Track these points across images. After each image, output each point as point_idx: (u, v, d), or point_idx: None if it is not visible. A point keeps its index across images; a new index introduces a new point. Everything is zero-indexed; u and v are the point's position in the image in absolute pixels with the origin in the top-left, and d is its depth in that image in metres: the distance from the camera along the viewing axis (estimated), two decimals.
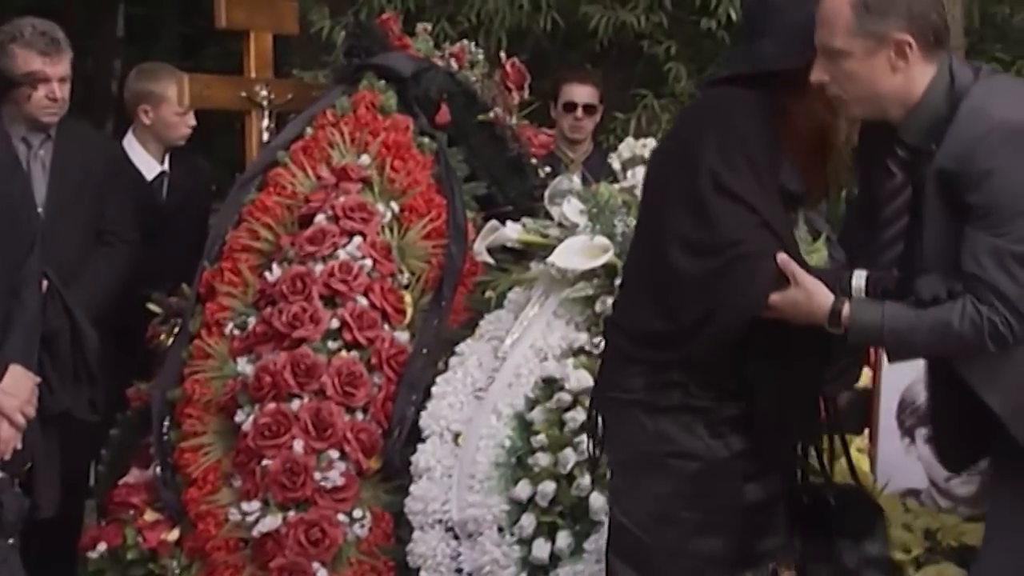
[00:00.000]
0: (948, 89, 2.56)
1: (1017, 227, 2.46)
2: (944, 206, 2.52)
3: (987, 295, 2.47)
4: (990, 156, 2.46)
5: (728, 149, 2.57)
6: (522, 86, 4.63)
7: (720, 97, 2.68)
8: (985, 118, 2.49)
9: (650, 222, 2.78)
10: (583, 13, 8.46)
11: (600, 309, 3.65)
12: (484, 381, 3.74)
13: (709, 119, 2.65)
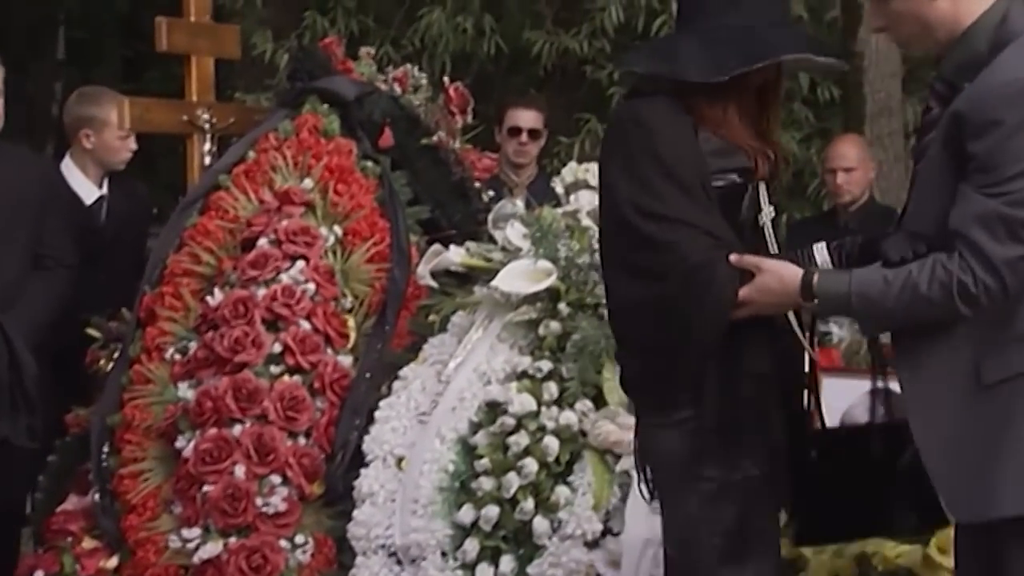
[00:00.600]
0: (996, 28, 2.46)
1: (1012, 189, 2.33)
2: (945, 154, 2.43)
3: (965, 253, 2.34)
4: (1003, 107, 2.37)
5: (641, 173, 2.54)
6: (465, 110, 4.64)
7: (628, 118, 2.64)
8: (1013, 69, 2.40)
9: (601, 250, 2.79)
10: (527, 38, 8.52)
11: (543, 332, 3.66)
12: (427, 405, 3.73)
13: (618, 146, 2.63)
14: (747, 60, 2.53)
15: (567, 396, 3.56)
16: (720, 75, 2.53)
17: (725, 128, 2.60)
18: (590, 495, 3.43)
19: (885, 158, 7.42)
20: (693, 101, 2.59)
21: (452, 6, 8.33)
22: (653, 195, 2.53)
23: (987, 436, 2.41)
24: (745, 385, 2.56)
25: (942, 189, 2.44)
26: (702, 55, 2.57)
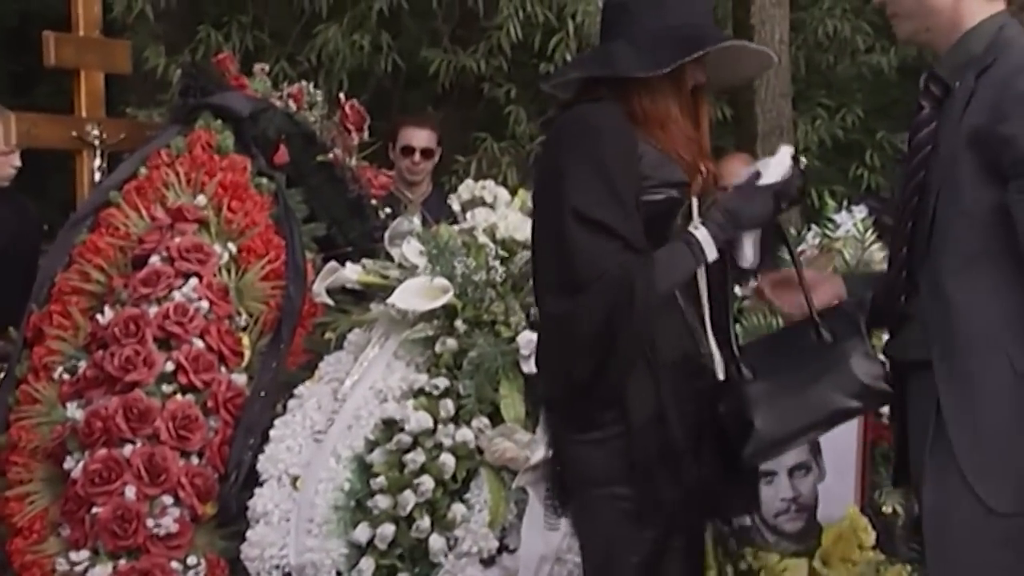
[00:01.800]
0: (994, 34, 2.56)
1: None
2: (977, 170, 2.49)
3: None
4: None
5: (584, 179, 2.55)
6: (362, 127, 4.64)
7: (574, 122, 2.65)
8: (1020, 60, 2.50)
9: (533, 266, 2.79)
10: (424, 56, 8.54)
11: (440, 350, 3.65)
12: (323, 423, 3.70)
13: (562, 150, 2.63)
14: (683, 52, 2.56)
15: (464, 413, 3.55)
16: (659, 68, 2.55)
17: (668, 131, 2.61)
18: (486, 512, 3.43)
19: None
20: (636, 103, 2.60)
21: (349, 23, 8.32)
22: (591, 199, 2.54)
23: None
24: (670, 403, 2.56)
25: (973, 186, 2.50)
26: (636, 54, 2.59)
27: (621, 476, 2.56)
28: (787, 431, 2.60)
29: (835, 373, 2.61)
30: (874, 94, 10.12)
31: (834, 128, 9.30)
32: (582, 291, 2.54)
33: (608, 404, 2.57)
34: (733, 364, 2.60)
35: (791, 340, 2.66)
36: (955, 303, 2.54)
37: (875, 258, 3.74)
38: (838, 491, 3.44)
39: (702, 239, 2.56)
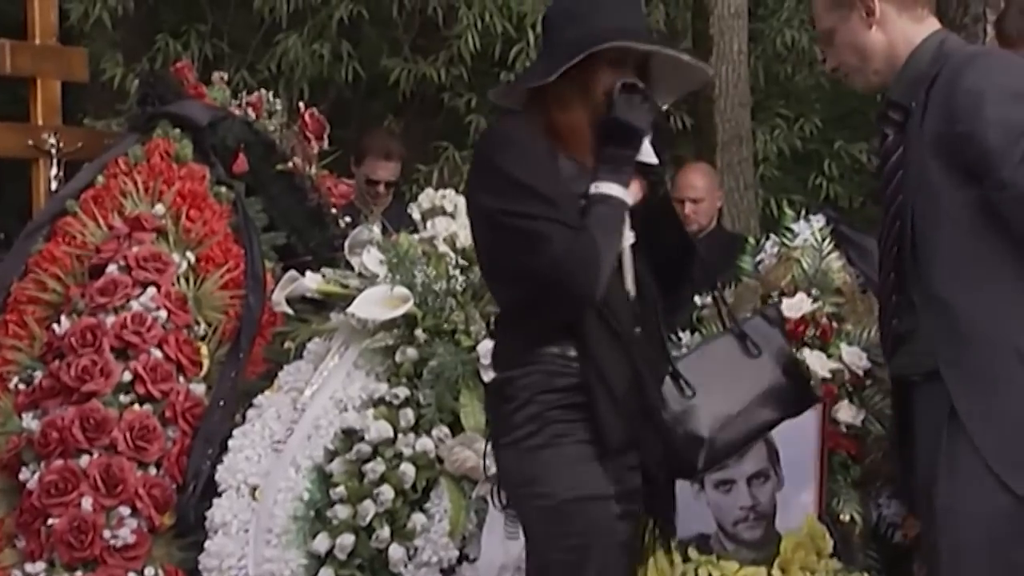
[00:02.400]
0: (936, 49, 2.66)
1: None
2: (948, 174, 2.55)
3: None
4: (978, 78, 2.53)
5: (502, 182, 2.59)
6: (322, 136, 4.63)
7: (487, 134, 2.76)
8: (966, 61, 2.57)
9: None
10: (384, 65, 8.54)
11: (400, 359, 3.65)
12: (283, 433, 3.69)
13: (479, 161, 2.71)
14: (570, 56, 2.59)
15: (424, 423, 3.55)
16: (547, 76, 2.60)
17: (578, 140, 2.64)
18: (446, 522, 3.43)
19: (735, 186, 7.60)
20: (549, 114, 2.64)
21: (309, 32, 8.30)
22: (509, 201, 2.58)
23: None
24: (607, 409, 2.57)
25: (951, 189, 2.55)
26: (540, 64, 2.67)
27: (536, 477, 2.58)
28: (732, 441, 2.68)
29: (764, 385, 2.69)
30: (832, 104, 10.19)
31: (793, 138, 9.37)
32: (531, 277, 2.57)
33: (523, 403, 2.59)
34: (674, 380, 2.65)
35: (720, 353, 2.72)
36: (955, 307, 2.59)
37: (833, 267, 3.76)
38: (796, 499, 3.45)
39: (608, 191, 2.60)
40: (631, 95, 2.62)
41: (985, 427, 2.56)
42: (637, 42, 2.66)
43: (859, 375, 3.60)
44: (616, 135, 2.62)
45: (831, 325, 3.65)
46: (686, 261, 2.78)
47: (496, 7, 8.02)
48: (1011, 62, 2.62)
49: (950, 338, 2.60)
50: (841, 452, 3.53)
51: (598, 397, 2.57)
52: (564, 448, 2.57)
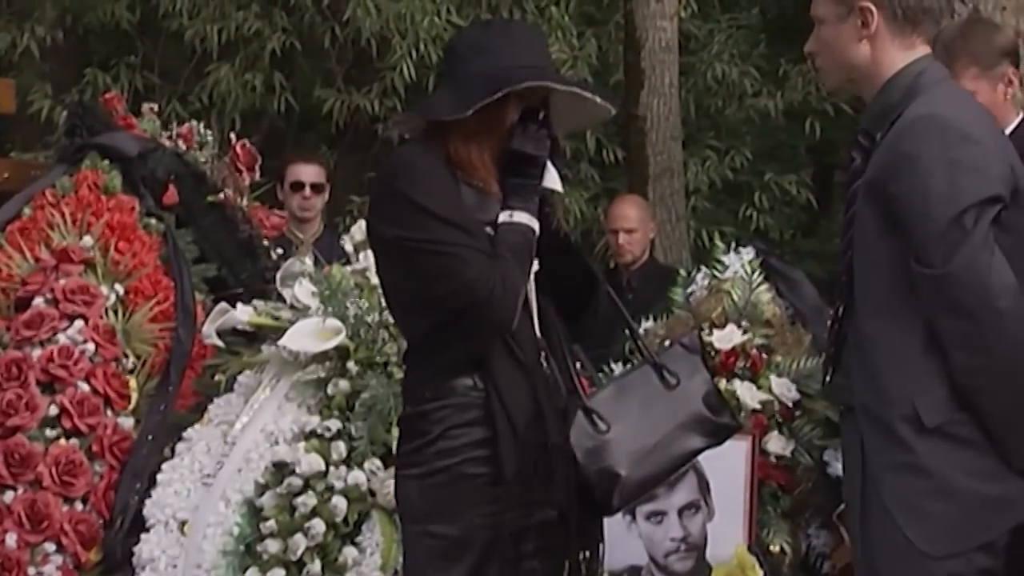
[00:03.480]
0: (913, 80, 2.62)
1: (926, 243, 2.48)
2: (877, 222, 2.56)
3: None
4: (917, 143, 2.51)
5: (404, 209, 2.60)
6: (253, 167, 4.61)
7: (388, 162, 2.73)
8: (920, 107, 2.56)
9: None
10: (318, 96, 8.52)
11: (332, 391, 3.63)
12: (212, 467, 3.66)
13: (381, 189, 2.70)
14: (487, 92, 2.60)
15: (356, 455, 3.54)
16: (462, 111, 2.60)
17: (479, 172, 2.66)
18: (378, 555, 3.42)
19: (667, 218, 7.66)
20: (451, 145, 2.66)
21: (241, 63, 8.28)
22: (417, 229, 2.58)
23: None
24: (507, 444, 2.58)
25: (879, 238, 2.57)
26: (449, 97, 2.65)
27: (437, 514, 2.59)
28: (649, 476, 2.66)
29: (684, 415, 2.68)
30: (762, 137, 10.32)
31: (724, 170, 9.46)
32: (442, 305, 2.58)
33: (429, 437, 2.60)
34: (586, 415, 2.64)
35: (636, 385, 2.71)
36: (871, 354, 2.60)
37: (762, 299, 3.81)
38: (727, 530, 3.48)
39: (517, 219, 2.63)
40: (528, 124, 2.65)
41: (886, 480, 2.58)
42: (551, 81, 2.68)
43: (789, 406, 3.64)
44: (518, 165, 2.64)
45: (761, 356, 3.69)
46: (588, 290, 2.78)
47: (430, 38, 8.04)
48: (948, 127, 2.57)
49: (865, 384, 2.62)
50: (771, 483, 3.57)
51: (499, 430, 2.57)
52: (468, 486, 2.58)
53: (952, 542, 2.53)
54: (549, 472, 2.61)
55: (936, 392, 2.53)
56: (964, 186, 2.49)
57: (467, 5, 8.51)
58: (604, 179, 9.16)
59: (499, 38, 2.69)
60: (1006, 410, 2.52)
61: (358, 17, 8.04)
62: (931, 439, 2.52)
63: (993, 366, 2.49)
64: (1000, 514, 2.55)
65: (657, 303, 4.08)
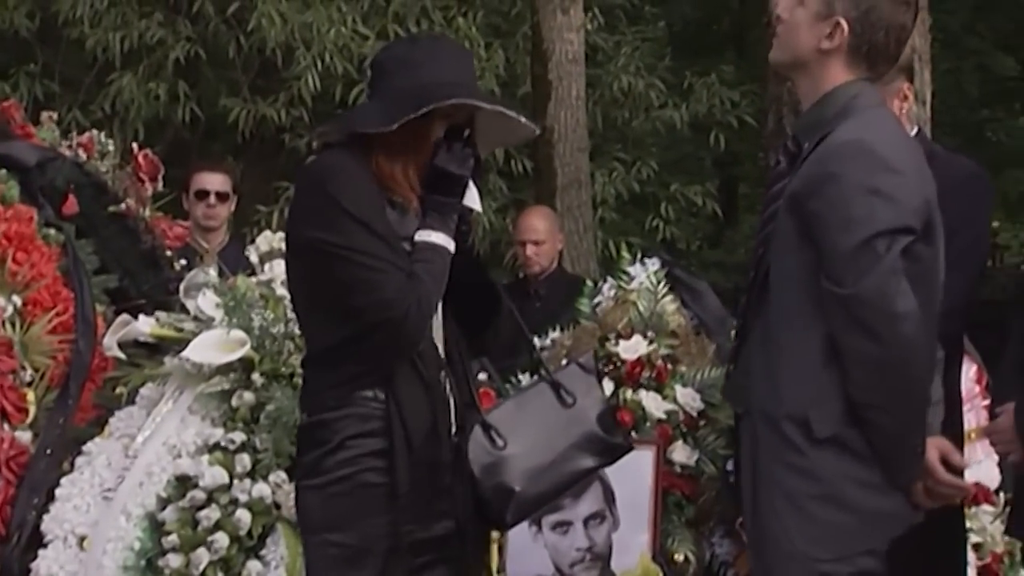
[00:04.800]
0: (848, 101, 2.67)
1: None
2: (794, 233, 2.61)
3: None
4: (842, 166, 2.57)
5: (329, 216, 2.60)
6: (156, 177, 4.55)
7: (313, 169, 2.72)
8: (847, 132, 2.61)
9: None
10: (223, 105, 8.46)
11: (236, 404, 3.60)
12: (113, 481, 3.60)
13: (305, 196, 2.70)
14: (413, 108, 2.62)
15: (260, 468, 3.51)
16: (388, 125, 2.61)
17: (402, 188, 2.67)
18: (283, 569, 3.39)
19: (575, 228, 7.71)
20: (374, 158, 2.66)
21: (144, 72, 8.19)
22: (342, 235, 2.58)
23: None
24: (402, 457, 2.59)
25: (796, 249, 2.62)
26: (374, 111, 2.67)
27: (336, 523, 2.60)
28: (543, 493, 2.70)
29: (578, 434, 2.72)
30: (668, 149, 10.45)
31: (630, 181, 9.56)
32: (357, 318, 2.57)
33: (331, 447, 2.60)
34: (484, 430, 2.67)
35: (534, 403, 2.75)
36: (775, 359, 2.65)
37: (668, 310, 3.84)
38: (632, 539, 3.51)
39: (435, 239, 2.65)
40: (453, 143, 2.67)
41: (781, 479, 2.63)
42: (477, 99, 2.70)
43: (693, 416, 3.67)
44: (440, 183, 2.65)
45: (666, 367, 3.73)
46: (491, 309, 2.80)
47: (336, 48, 8.02)
48: (874, 155, 2.63)
49: (765, 382, 2.66)
50: (676, 492, 3.60)
51: (396, 442, 2.58)
52: (367, 495, 2.59)
53: (838, 547, 2.60)
54: (446, 486, 2.62)
55: (830, 405, 2.59)
56: (880, 213, 2.56)
57: (373, 15, 8.52)
58: (512, 190, 9.20)
59: (426, 54, 2.70)
60: (895, 429, 2.60)
61: (263, 27, 8.00)
62: (823, 448, 2.59)
63: (888, 386, 2.56)
64: (884, 526, 2.63)
65: (565, 312, 4.10)
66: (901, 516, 2.66)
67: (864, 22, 2.68)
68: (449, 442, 2.65)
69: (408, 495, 2.58)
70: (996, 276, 12.44)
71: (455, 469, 2.64)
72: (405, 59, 2.70)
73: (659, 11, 11.21)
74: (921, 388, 2.64)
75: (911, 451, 2.64)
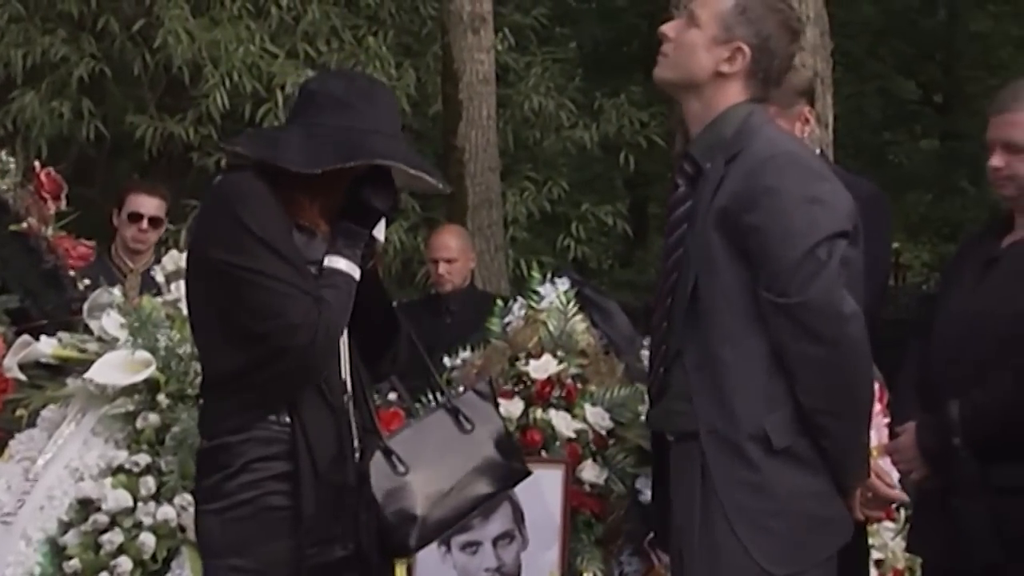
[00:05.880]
0: (743, 120, 2.72)
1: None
2: (727, 251, 2.65)
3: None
4: (777, 179, 2.62)
5: (236, 237, 2.58)
6: (59, 196, 4.48)
7: (221, 188, 2.70)
8: (772, 145, 2.67)
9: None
10: (129, 123, 8.36)
11: (141, 425, 3.56)
12: (12, 505, 3.53)
13: (212, 215, 2.68)
14: (341, 158, 2.62)
15: (165, 490, 3.47)
16: (314, 167, 2.60)
17: (310, 215, 2.68)
18: None
19: (486, 248, 7.72)
20: (286, 187, 2.65)
21: (47, 89, 8.06)
22: (249, 258, 2.56)
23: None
24: (308, 482, 2.58)
25: (727, 266, 2.66)
26: (301, 147, 2.64)
27: (238, 547, 2.58)
28: (445, 518, 2.71)
29: (478, 459, 2.74)
30: (578, 169, 10.51)
31: (541, 200, 9.60)
32: (262, 342, 2.56)
33: (231, 470, 2.59)
34: (385, 456, 2.67)
35: (433, 429, 2.76)
36: (722, 377, 2.68)
37: (577, 329, 3.86)
38: (541, 559, 3.51)
39: (343, 267, 2.65)
40: (379, 180, 2.67)
41: (734, 502, 2.66)
42: (404, 162, 2.69)
43: (603, 435, 3.69)
44: (358, 213, 2.66)
45: (576, 386, 3.74)
46: (390, 334, 2.81)
47: (245, 67, 7.97)
48: (804, 165, 2.70)
49: (711, 408, 2.68)
50: (585, 511, 3.61)
51: (302, 466, 2.57)
52: (269, 519, 2.57)
53: (793, 560, 2.64)
54: (349, 510, 2.61)
55: (783, 414, 2.64)
56: (820, 220, 2.63)
57: (282, 34, 8.48)
58: (424, 209, 9.20)
59: (361, 98, 2.69)
60: (846, 431, 2.67)
61: (169, 44, 7.92)
62: (777, 460, 2.64)
63: (839, 389, 2.63)
64: (832, 535, 2.69)
65: (478, 330, 4.10)
66: (848, 522, 2.72)
67: (763, 49, 2.74)
68: (353, 466, 2.64)
69: (312, 518, 2.57)
70: (898, 295, 12.71)
71: (357, 494, 2.63)
72: (339, 99, 2.67)
73: (569, 32, 11.30)
74: (867, 387, 2.72)
75: (860, 451, 2.71)
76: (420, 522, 2.64)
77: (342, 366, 2.68)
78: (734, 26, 2.73)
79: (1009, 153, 3.00)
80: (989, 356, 2.90)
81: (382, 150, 2.65)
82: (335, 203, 2.68)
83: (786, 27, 2.78)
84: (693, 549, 2.71)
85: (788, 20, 2.79)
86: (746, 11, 2.73)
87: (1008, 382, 2.87)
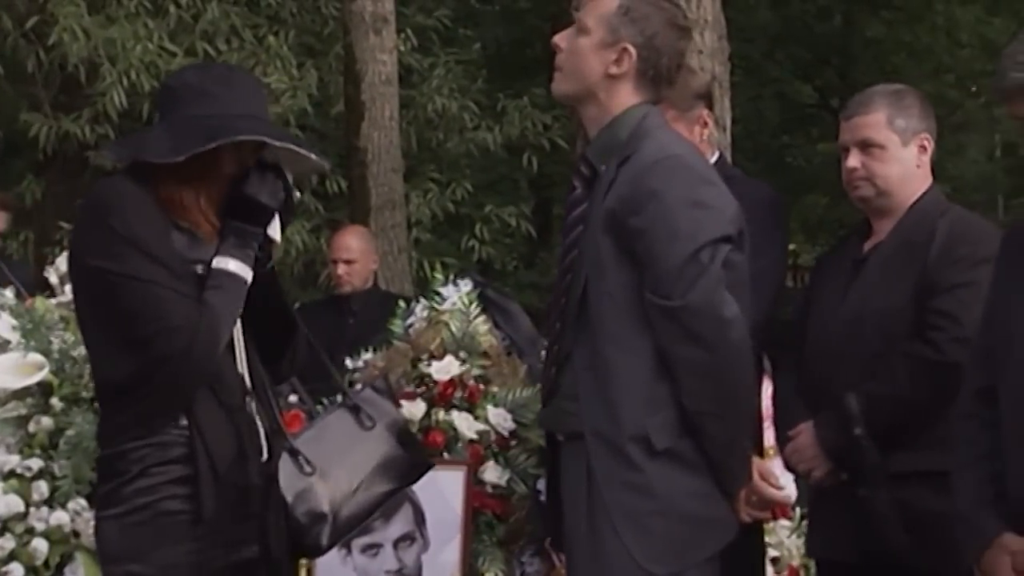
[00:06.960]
0: (638, 122, 2.74)
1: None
2: (614, 253, 2.66)
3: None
4: (662, 182, 2.63)
5: (109, 244, 2.55)
6: None
7: (94, 194, 2.67)
8: (661, 149, 2.68)
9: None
10: (24, 121, 8.21)
11: (34, 429, 3.49)
12: None
13: (86, 222, 2.65)
14: (202, 141, 2.59)
15: (59, 495, 3.42)
16: (176, 156, 2.57)
17: (191, 214, 2.64)
18: None
19: (389, 249, 7.71)
20: (162, 186, 2.62)
21: None
22: (121, 263, 2.54)
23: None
24: (208, 483, 2.56)
25: (614, 268, 2.67)
26: (164, 139, 2.62)
27: (135, 553, 2.56)
28: (354, 515, 2.70)
29: (380, 456, 2.74)
30: (482, 170, 10.54)
31: (445, 202, 9.61)
32: (145, 348, 2.53)
33: (128, 477, 2.57)
34: (292, 456, 2.66)
35: (335, 428, 2.75)
36: (606, 379, 2.69)
37: (480, 330, 3.86)
38: (442, 560, 3.51)
39: (232, 268, 2.62)
40: (266, 172, 2.64)
41: (617, 504, 2.68)
42: (268, 135, 2.66)
43: (505, 436, 3.70)
44: (246, 211, 2.63)
45: (478, 387, 3.75)
46: (287, 336, 2.79)
47: (143, 65, 7.86)
48: (690, 169, 2.73)
49: (596, 409, 2.70)
50: (486, 512, 3.61)
51: (201, 469, 2.55)
52: (168, 523, 2.55)
53: (673, 560, 2.66)
54: (252, 511, 2.59)
55: (666, 416, 2.66)
56: (704, 224, 2.65)
57: (180, 32, 8.38)
58: (327, 210, 9.16)
59: (219, 85, 2.66)
60: (727, 435, 2.69)
61: (64, 42, 7.78)
62: (659, 461, 2.66)
63: (720, 392, 2.65)
64: (714, 534, 2.71)
65: (380, 330, 4.09)
66: (731, 523, 2.75)
67: (649, 47, 2.76)
68: (258, 467, 2.62)
69: (213, 521, 2.55)
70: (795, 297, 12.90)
71: (261, 495, 2.60)
72: (197, 87, 2.65)
73: (473, 34, 11.31)
74: (749, 392, 2.76)
75: (741, 455, 2.75)
76: (331, 521, 2.64)
77: (239, 365, 2.66)
78: (619, 27, 2.75)
79: (864, 153, 3.08)
80: (876, 351, 2.98)
81: (243, 128, 2.62)
82: (218, 198, 2.64)
83: (672, 24, 2.80)
84: (579, 549, 2.74)
85: (674, 17, 2.82)
86: (629, 11, 2.76)
87: (900, 371, 2.95)
